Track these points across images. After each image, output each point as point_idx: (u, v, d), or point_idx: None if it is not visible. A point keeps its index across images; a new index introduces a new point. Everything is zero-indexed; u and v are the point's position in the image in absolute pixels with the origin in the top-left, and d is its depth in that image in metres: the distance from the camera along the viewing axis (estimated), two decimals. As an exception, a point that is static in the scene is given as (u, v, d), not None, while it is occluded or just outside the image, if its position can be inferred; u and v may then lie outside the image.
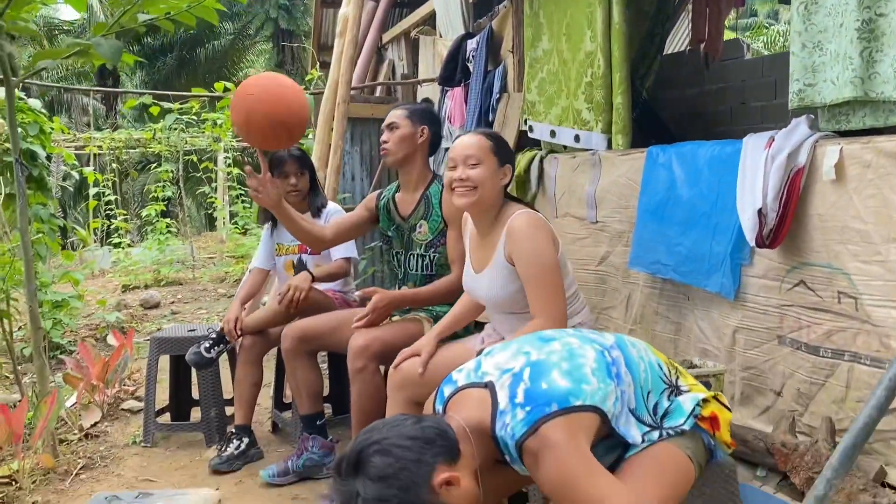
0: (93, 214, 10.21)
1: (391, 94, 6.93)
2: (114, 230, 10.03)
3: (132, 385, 4.09)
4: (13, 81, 2.84)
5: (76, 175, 8.16)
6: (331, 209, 3.28)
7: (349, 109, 4.64)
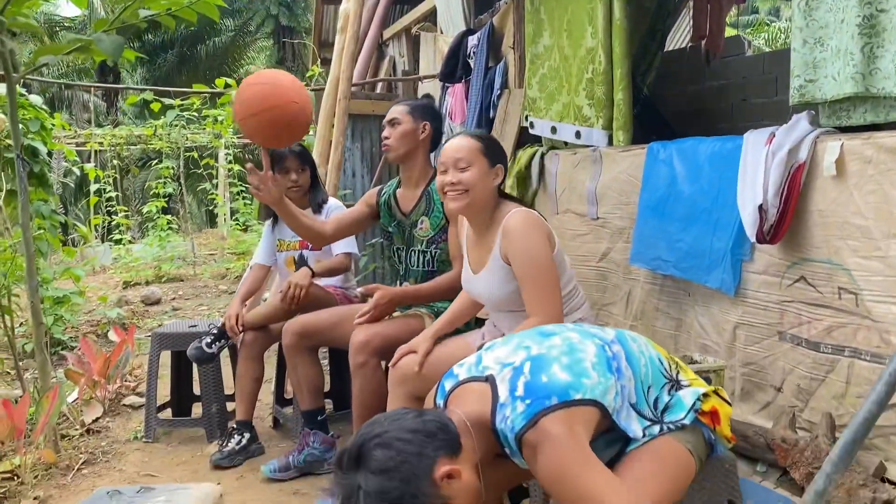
0: (94, 211, 10.21)
1: (392, 91, 6.93)
2: (115, 227, 10.04)
3: (133, 381, 4.10)
4: (14, 77, 2.84)
5: (77, 171, 8.17)
6: (331, 205, 3.29)
7: (350, 106, 4.64)
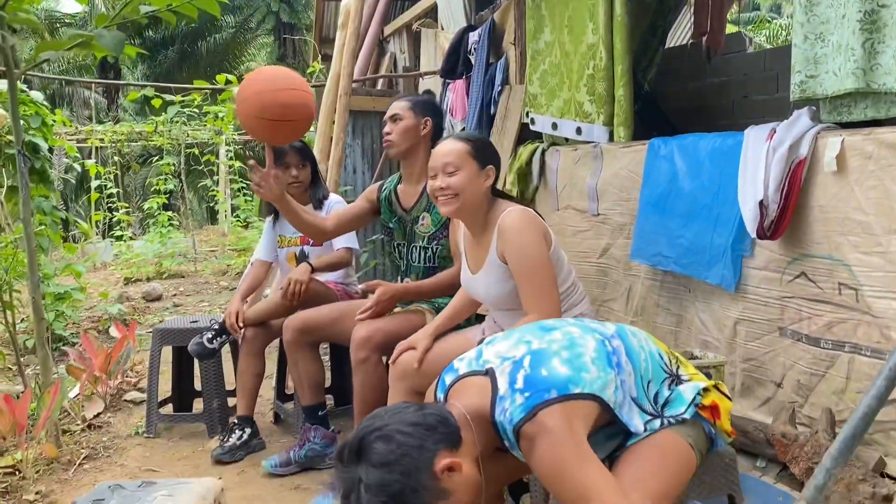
0: (94, 207, 10.22)
1: (393, 87, 6.92)
2: (116, 223, 10.05)
3: (135, 376, 4.11)
4: (15, 73, 2.84)
5: (78, 168, 8.16)
6: (332, 201, 3.29)
7: (351, 102, 4.64)
